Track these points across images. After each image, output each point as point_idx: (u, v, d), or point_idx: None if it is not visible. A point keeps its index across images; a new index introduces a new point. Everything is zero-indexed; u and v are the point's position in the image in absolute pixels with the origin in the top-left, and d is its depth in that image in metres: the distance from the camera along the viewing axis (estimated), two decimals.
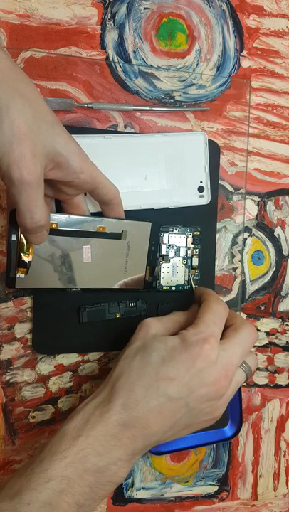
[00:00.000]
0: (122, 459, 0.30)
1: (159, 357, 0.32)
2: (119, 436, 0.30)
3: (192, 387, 0.31)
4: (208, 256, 0.44)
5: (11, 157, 0.27)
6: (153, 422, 0.31)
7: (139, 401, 0.31)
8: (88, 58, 0.41)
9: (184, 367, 0.31)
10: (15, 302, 0.41)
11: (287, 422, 0.48)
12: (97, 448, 0.30)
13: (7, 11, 0.40)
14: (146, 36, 0.43)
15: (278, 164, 0.46)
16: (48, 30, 0.40)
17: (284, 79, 0.46)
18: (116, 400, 0.31)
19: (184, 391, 0.31)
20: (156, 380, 0.31)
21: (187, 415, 0.32)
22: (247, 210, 0.46)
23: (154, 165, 0.41)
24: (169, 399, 0.31)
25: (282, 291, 0.47)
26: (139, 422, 0.30)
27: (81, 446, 0.30)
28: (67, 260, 0.37)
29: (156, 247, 0.40)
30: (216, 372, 0.31)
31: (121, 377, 0.32)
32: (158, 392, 0.31)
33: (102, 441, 0.30)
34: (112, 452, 0.30)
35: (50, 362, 0.42)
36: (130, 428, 0.30)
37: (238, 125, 0.45)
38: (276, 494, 0.48)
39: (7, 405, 0.41)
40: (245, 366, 0.35)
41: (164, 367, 0.31)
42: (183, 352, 0.31)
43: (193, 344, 0.31)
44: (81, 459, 0.29)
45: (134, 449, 0.31)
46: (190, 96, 0.44)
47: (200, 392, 0.31)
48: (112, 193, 0.36)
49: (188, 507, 0.45)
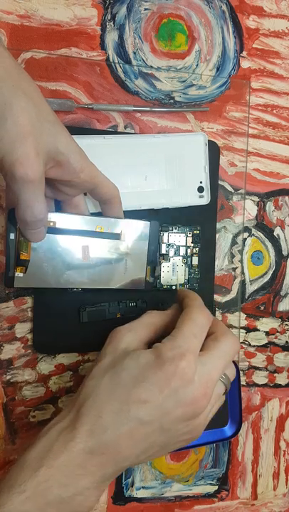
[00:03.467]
0: (89, 488, 0.28)
1: (130, 377, 0.29)
2: (85, 464, 0.27)
3: (167, 408, 0.28)
4: (208, 256, 0.44)
5: (15, 155, 0.27)
6: (124, 447, 0.28)
7: (107, 427, 0.28)
8: (88, 59, 0.42)
9: (158, 387, 0.28)
10: (15, 302, 0.41)
11: (286, 422, 0.48)
12: (61, 479, 0.27)
13: (7, 12, 0.40)
14: (146, 37, 0.43)
15: (278, 165, 0.46)
16: (48, 31, 0.41)
17: (284, 79, 0.46)
18: (81, 427, 0.28)
19: (158, 413, 0.28)
20: (126, 404, 0.28)
21: (162, 437, 0.29)
22: (246, 210, 0.46)
23: (154, 165, 0.41)
24: (141, 423, 0.28)
25: (282, 291, 0.47)
26: (107, 449, 0.28)
27: (42, 478, 0.27)
28: (65, 259, 0.37)
29: (155, 246, 0.40)
30: (194, 391, 0.28)
31: (87, 400, 0.29)
32: (128, 417, 0.28)
33: (66, 471, 0.27)
34: (77, 482, 0.27)
35: (50, 361, 0.42)
36: (98, 456, 0.28)
37: (238, 126, 0.45)
38: (276, 494, 0.48)
39: (7, 405, 0.41)
40: (224, 377, 0.32)
41: (135, 388, 0.28)
42: (157, 370, 0.28)
43: (169, 361, 0.28)
44: (42, 491, 0.27)
45: (103, 475, 0.28)
46: (190, 97, 0.44)
47: (176, 413, 0.28)
48: (112, 192, 0.36)
49: (188, 506, 0.46)
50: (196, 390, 0.29)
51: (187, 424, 0.29)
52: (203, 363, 0.30)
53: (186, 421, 0.29)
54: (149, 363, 0.29)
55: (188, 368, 0.28)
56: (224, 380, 0.32)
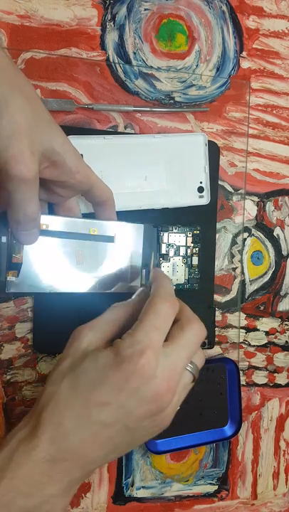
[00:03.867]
0: (55, 495, 0.27)
1: (88, 380, 0.28)
2: (49, 473, 0.26)
3: (129, 408, 0.27)
4: (208, 256, 0.44)
5: (10, 152, 0.27)
6: (88, 451, 0.27)
7: (68, 433, 0.27)
8: (88, 59, 0.42)
9: (117, 388, 0.27)
10: (16, 302, 0.41)
11: (286, 422, 0.48)
12: (24, 489, 0.26)
13: (8, 12, 0.40)
14: (147, 37, 0.43)
15: (278, 165, 0.46)
16: (48, 31, 0.41)
17: (283, 80, 0.46)
18: (42, 435, 0.27)
19: (120, 414, 0.27)
20: (86, 408, 0.27)
21: (128, 436, 0.28)
22: (246, 210, 0.46)
23: (154, 165, 0.41)
24: (104, 425, 0.27)
25: (282, 291, 0.47)
26: (71, 455, 0.27)
27: (4, 490, 0.26)
28: (59, 263, 0.36)
29: (151, 249, 0.39)
30: (156, 387, 0.27)
31: (47, 406, 0.28)
32: (90, 421, 0.27)
33: (29, 481, 0.26)
34: (42, 491, 0.26)
35: (50, 361, 0.42)
36: (61, 462, 0.27)
37: (238, 126, 0.45)
38: (276, 493, 0.48)
39: (8, 405, 0.41)
40: (191, 366, 0.30)
41: (95, 391, 0.27)
42: (115, 370, 0.27)
43: (127, 359, 0.27)
44: (6, 504, 0.26)
45: (70, 481, 0.27)
46: (190, 97, 0.44)
47: (139, 411, 0.27)
48: (107, 194, 0.36)
49: (188, 506, 0.46)
50: (159, 385, 0.27)
51: (153, 420, 0.28)
52: (167, 354, 0.28)
53: (151, 417, 0.28)
54: (107, 364, 0.28)
55: (147, 365, 0.27)
56: (191, 369, 0.30)
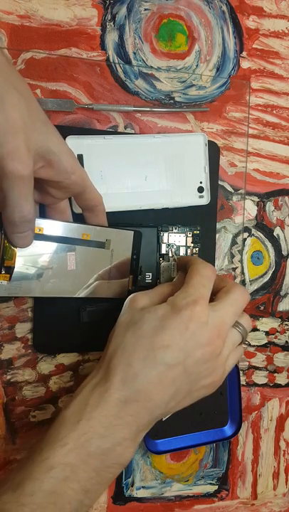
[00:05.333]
0: (127, 439, 0.30)
1: (150, 327, 0.31)
2: (121, 414, 0.29)
3: (188, 350, 0.30)
4: (208, 256, 0.44)
5: (5, 149, 0.27)
6: (154, 393, 0.30)
7: (137, 374, 0.30)
8: (88, 59, 0.42)
9: (178, 332, 0.30)
10: (16, 302, 0.41)
11: (286, 422, 0.48)
12: (100, 430, 0.29)
13: (8, 12, 0.40)
14: (147, 37, 0.43)
15: (277, 165, 0.46)
16: (48, 31, 0.41)
17: (283, 80, 0.46)
18: (114, 377, 0.30)
19: (181, 356, 0.30)
20: (152, 350, 0.30)
21: (187, 381, 0.31)
22: (246, 210, 0.46)
23: (154, 165, 0.41)
24: (168, 366, 0.30)
25: (282, 291, 0.47)
26: (140, 396, 0.30)
27: (82, 431, 0.29)
28: (51, 267, 0.36)
29: (138, 256, 0.39)
30: (208, 333, 0.31)
31: (115, 354, 0.31)
32: (156, 362, 0.30)
33: (105, 422, 0.29)
34: (116, 432, 0.29)
35: (50, 361, 0.42)
36: (132, 404, 0.30)
37: (238, 126, 0.45)
38: (276, 493, 0.48)
39: (8, 405, 0.41)
40: (240, 327, 0.34)
41: (157, 336, 0.30)
42: (174, 317, 0.31)
43: (184, 308, 0.31)
44: (83, 443, 0.28)
45: (139, 425, 0.30)
46: (190, 97, 0.44)
47: (196, 354, 0.31)
48: (98, 199, 0.36)
49: (188, 506, 0.46)
50: (210, 331, 0.31)
51: (207, 367, 0.31)
52: (215, 310, 0.32)
53: (206, 362, 0.31)
54: (166, 313, 0.31)
55: (202, 311, 0.31)
56: (241, 330, 0.34)
